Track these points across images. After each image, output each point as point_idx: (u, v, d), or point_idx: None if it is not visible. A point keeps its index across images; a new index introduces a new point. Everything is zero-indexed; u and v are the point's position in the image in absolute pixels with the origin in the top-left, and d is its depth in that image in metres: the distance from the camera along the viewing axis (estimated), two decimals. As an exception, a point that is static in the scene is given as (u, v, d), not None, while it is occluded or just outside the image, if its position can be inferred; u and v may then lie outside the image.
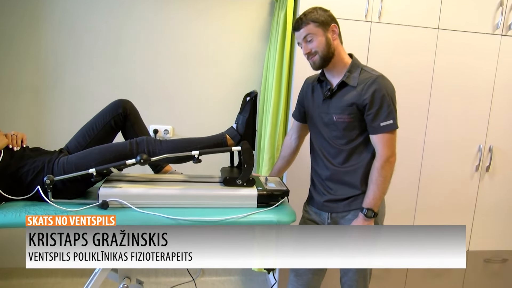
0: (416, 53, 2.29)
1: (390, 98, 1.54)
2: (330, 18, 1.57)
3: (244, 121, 1.64)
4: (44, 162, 1.50)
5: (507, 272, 2.64)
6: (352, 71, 1.58)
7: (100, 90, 2.49)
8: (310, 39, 1.56)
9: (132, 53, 2.50)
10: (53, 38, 2.43)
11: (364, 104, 1.53)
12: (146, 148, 1.53)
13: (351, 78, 1.57)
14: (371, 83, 1.53)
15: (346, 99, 1.57)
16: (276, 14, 2.41)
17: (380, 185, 1.54)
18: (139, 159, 1.46)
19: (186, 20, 2.52)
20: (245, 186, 1.57)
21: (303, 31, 1.56)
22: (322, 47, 1.55)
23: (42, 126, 2.51)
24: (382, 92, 1.52)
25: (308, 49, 1.57)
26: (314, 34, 1.55)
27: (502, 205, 2.53)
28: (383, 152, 1.54)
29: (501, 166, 2.48)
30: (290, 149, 1.89)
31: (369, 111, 1.53)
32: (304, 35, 1.56)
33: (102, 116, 1.69)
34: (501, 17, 2.31)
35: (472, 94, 2.38)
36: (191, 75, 2.58)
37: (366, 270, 1.70)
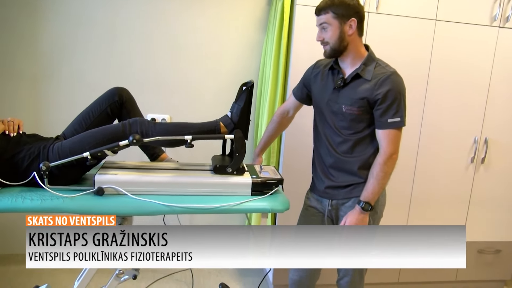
0: (413, 44, 2.29)
1: (401, 96, 1.55)
2: (353, 11, 1.54)
3: (238, 110, 1.64)
4: (40, 148, 1.51)
5: (500, 263, 2.67)
6: (367, 64, 1.58)
7: (97, 78, 2.49)
8: (325, 27, 1.56)
9: (129, 42, 2.50)
10: (50, 27, 2.42)
11: (376, 99, 1.54)
12: (139, 129, 1.53)
13: (365, 71, 1.57)
14: (384, 79, 1.53)
15: (358, 92, 1.57)
16: (273, 4, 2.41)
17: (380, 180, 1.56)
18: (132, 139, 1.45)
19: (183, 9, 2.51)
20: (235, 174, 1.58)
21: (320, 19, 1.57)
22: (334, 40, 1.55)
23: (39, 114, 2.52)
24: (395, 89, 1.53)
25: (320, 37, 1.58)
26: (330, 24, 1.54)
27: (496, 197, 2.55)
28: (387, 149, 1.55)
29: (496, 158, 2.49)
30: (284, 125, 1.92)
31: (379, 106, 1.54)
32: (321, 22, 1.56)
33: (99, 104, 1.69)
34: (499, 9, 2.31)
35: (468, 86, 2.38)
36: (188, 65, 2.58)
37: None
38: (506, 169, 2.52)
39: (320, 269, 1.88)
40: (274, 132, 1.92)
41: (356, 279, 1.76)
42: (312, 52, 1.92)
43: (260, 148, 1.92)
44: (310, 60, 1.84)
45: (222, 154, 1.81)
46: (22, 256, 1.33)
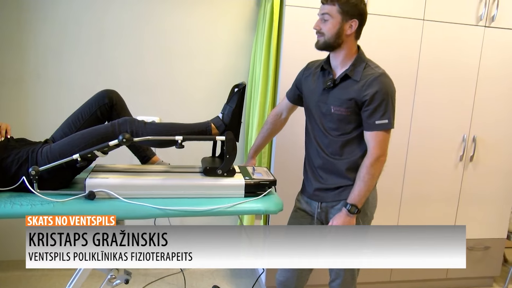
0: (401, 44, 2.31)
1: (389, 97, 1.53)
2: (357, 12, 1.52)
3: (230, 112, 1.63)
4: (28, 152, 1.48)
5: (489, 259, 2.70)
6: (356, 65, 1.57)
7: (85, 81, 2.46)
8: (327, 19, 1.52)
9: (117, 43, 2.47)
10: (36, 28, 2.38)
11: (363, 100, 1.53)
12: (129, 128, 1.51)
13: (354, 72, 1.56)
14: (373, 80, 1.52)
15: (346, 93, 1.56)
16: (263, 4, 2.41)
17: (367, 183, 1.55)
18: (121, 138, 1.42)
19: (171, 10, 2.49)
20: (226, 176, 1.57)
21: (324, 8, 1.53)
22: (331, 34, 1.53)
23: (26, 117, 2.47)
24: (382, 90, 1.51)
25: (318, 26, 1.54)
26: (332, 17, 1.51)
27: (484, 194, 2.59)
28: (374, 151, 1.54)
29: (484, 156, 2.53)
30: (277, 127, 1.91)
31: (367, 107, 1.53)
32: (324, 12, 1.52)
33: (88, 106, 1.67)
34: (485, 8, 2.34)
35: (456, 85, 2.42)
36: (177, 66, 2.56)
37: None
38: (494, 166, 2.56)
39: (309, 272, 1.87)
40: (268, 134, 1.91)
41: (347, 281, 1.75)
42: (303, 53, 1.93)
43: (254, 150, 1.92)
44: (301, 61, 1.84)
45: (212, 156, 1.80)
46: (11, 262, 1.31)
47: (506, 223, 2.68)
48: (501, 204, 2.63)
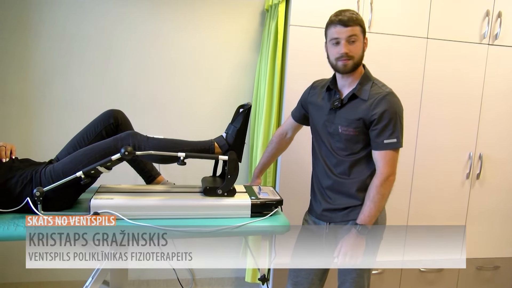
0: (406, 62, 2.32)
1: (398, 116, 1.52)
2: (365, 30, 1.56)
3: (234, 132, 1.63)
4: (32, 173, 1.47)
5: (499, 279, 2.65)
6: (363, 84, 1.56)
7: (90, 99, 2.47)
8: (354, 40, 1.51)
9: (123, 62, 2.49)
10: (42, 47, 2.41)
11: (371, 119, 1.52)
12: (132, 142, 1.49)
13: (362, 91, 1.55)
14: (380, 99, 1.51)
15: (355, 113, 1.55)
16: (267, 24, 2.43)
17: (377, 203, 1.53)
18: (123, 151, 1.40)
19: (176, 30, 2.52)
20: (226, 196, 1.55)
21: (351, 30, 1.49)
22: (359, 54, 1.54)
23: (31, 137, 2.47)
24: (391, 109, 1.50)
25: (349, 49, 1.51)
26: (358, 37, 1.51)
27: (492, 213, 2.55)
28: (384, 170, 1.53)
29: (491, 173, 2.50)
30: (282, 146, 1.91)
31: (375, 127, 1.52)
32: (350, 34, 1.50)
33: (93, 126, 1.66)
34: (488, 27, 2.36)
35: (461, 103, 2.41)
36: (182, 85, 2.57)
37: (363, 281, 1.68)
38: (501, 184, 2.53)
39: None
40: (273, 154, 1.90)
41: None
42: (307, 73, 1.94)
43: (259, 169, 1.90)
44: (305, 80, 1.84)
45: (213, 176, 1.78)
46: (17, 284, 1.29)
47: (516, 241, 2.64)
48: (509, 222, 2.59)
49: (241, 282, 2.75)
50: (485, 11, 2.35)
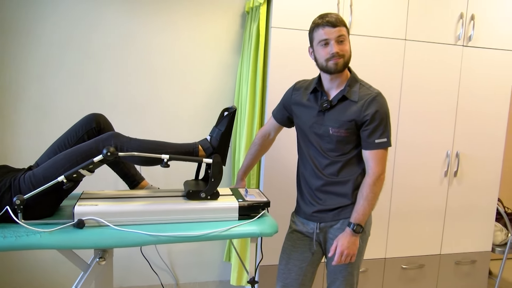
0: (385, 63, 2.37)
1: (387, 117, 1.57)
2: None
3: (219, 135, 1.61)
4: (11, 180, 1.41)
5: (476, 273, 2.73)
6: (352, 85, 1.59)
7: (68, 103, 2.40)
8: (342, 40, 1.53)
9: (101, 66, 2.44)
10: (16, 52, 2.32)
11: (364, 120, 1.55)
12: (114, 143, 1.45)
13: (351, 93, 1.57)
14: (371, 100, 1.54)
15: (346, 114, 1.57)
16: (248, 26, 2.43)
17: (371, 201, 1.56)
18: (106, 152, 1.37)
19: (156, 32, 2.48)
20: (209, 199, 1.54)
21: (339, 30, 1.52)
22: (349, 53, 1.56)
23: (7, 143, 2.38)
24: (381, 110, 1.54)
25: (339, 49, 1.52)
26: (346, 38, 1.54)
27: (469, 209, 2.63)
28: (376, 169, 1.56)
29: (467, 171, 2.58)
30: (265, 147, 1.91)
31: (367, 127, 1.55)
32: (339, 34, 1.52)
33: (75, 131, 1.61)
34: (462, 29, 2.43)
35: (438, 103, 2.48)
36: (162, 88, 2.54)
37: (353, 279, 1.70)
38: (478, 181, 2.62)
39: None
40: (256, 155, 1.89)
41: None
42: (289, 74, 1.95)
43: (243, 171, 1.89)
44: (287, 81, 1.85)
45: (195, 179, 1.76)
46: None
47: (491, 236, 2.72)
48: (485, 218, 2.68)
49: (226, 286, 2.73)
50: (459, 13, 2.42)
